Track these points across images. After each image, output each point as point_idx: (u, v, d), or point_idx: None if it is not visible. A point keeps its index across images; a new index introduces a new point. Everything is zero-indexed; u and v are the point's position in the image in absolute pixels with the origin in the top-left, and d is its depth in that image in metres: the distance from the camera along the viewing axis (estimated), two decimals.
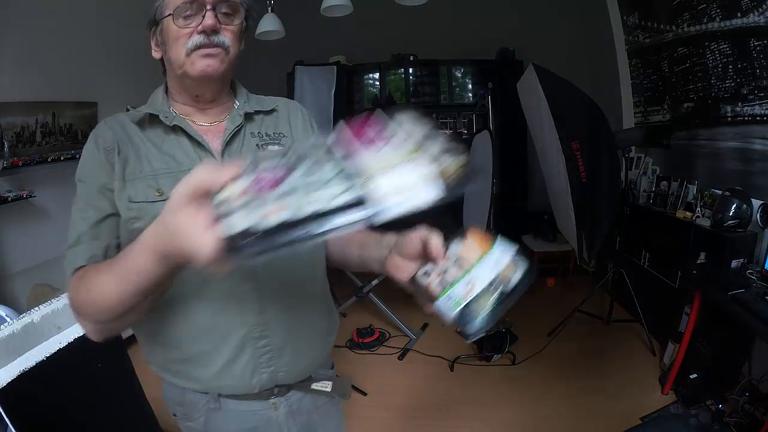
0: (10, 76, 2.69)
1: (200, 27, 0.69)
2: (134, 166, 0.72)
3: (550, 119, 2.27)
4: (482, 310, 0.52)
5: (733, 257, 2.10)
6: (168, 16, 0.70)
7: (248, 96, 0.85)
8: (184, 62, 0.71)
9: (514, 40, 4.12)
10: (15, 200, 2.63)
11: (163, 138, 0.75)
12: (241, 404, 0.80)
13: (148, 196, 0.70)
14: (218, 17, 0.70)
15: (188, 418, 0.84)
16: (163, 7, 0.71)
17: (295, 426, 0.86)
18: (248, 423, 0.82)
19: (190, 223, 0.42)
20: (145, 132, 0.75)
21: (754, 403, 1.93)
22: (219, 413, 0.81)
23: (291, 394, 0.84)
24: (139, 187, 0.70)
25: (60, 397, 1.17)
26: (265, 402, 0.82)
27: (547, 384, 2.37)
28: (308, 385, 0.85)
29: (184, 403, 0.83)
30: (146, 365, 0.82)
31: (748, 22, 2.15)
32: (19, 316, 1.23)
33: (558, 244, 3.66)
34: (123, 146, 0.73)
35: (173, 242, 0.45)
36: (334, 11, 2.47)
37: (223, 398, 0.79)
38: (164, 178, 0.71)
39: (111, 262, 0.60)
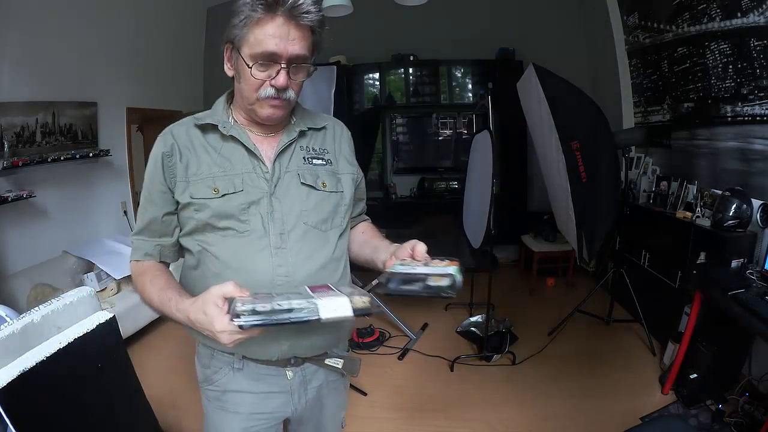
0: (10, 76, 2.69)
1: (272, 82, 0.80)
2: (195, 168, 0.86)
3: (550, 119, 2.26)
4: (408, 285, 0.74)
5: (733, 257, 2.10)
6: (246, 58, 0.79)
7: (303, 113, 0.96)
8: (254, 103, 0.83)
9: (514, 40, 4.12)
10: (15, 200, 2.63)
11: (222, 143, 0.88)
12: (260, 368, 0.92)
13: (207, 194, 0.84)
14: (289, 74, 0.81)
15: (210, 382, 0.97)
16: (242, 39, 0.79)
17: (304, 395, 0.97)
18: (264, 386, 0.94)
19: (215, 313, 0.68)
20: (206, 136, 0.89)
21: (754, 403, 1.94)
22: (240, 374, 0.93)
23: (306, 366, 0.95)
24: (199, 187, 0.85)
25: (60, 397, 1.17)
26: (282, 369, 0.93)
27: (547, 384, 2.37)
28: (322, 360, 0.95)
29: (210, 365, 0.96)
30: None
31: (748, 22, 2.15)
32: (19, 316, 1.23)
33: (558, 244, 3.66)
34: (185, 151, 0.87)
35: (199, 319, 0.71)
36: (334, 11, 2.48)
37: (246, 360, 0.91)
38: (220, 179, 0.85)
39: (165, 287, 0.83)
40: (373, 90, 4.39)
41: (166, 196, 0.87)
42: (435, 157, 4.52)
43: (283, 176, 0.88)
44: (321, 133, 0.98)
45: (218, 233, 0.85)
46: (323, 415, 1.05)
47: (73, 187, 3.24)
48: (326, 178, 0.93)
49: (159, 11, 3.93)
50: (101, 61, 3.37)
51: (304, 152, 0.92)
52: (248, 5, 0.77)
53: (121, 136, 3.71)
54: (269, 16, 0.76)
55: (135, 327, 2.92)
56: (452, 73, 4.33)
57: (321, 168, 0.93)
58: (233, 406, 0.96)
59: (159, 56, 4.06)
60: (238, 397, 0.95)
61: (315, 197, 0.90)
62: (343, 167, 0.98)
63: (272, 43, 0.77)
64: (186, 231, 0.88)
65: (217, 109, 0.91)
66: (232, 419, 0.96)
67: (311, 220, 0.89)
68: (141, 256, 0.90)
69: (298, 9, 0.76)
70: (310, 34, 0.81)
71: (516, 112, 2.89)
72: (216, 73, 4.18)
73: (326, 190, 0.92)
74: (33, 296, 2.64)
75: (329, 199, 0.92)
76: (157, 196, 0.87)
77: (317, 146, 0.95)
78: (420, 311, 3.33)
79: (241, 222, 0.85)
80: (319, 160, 0.93)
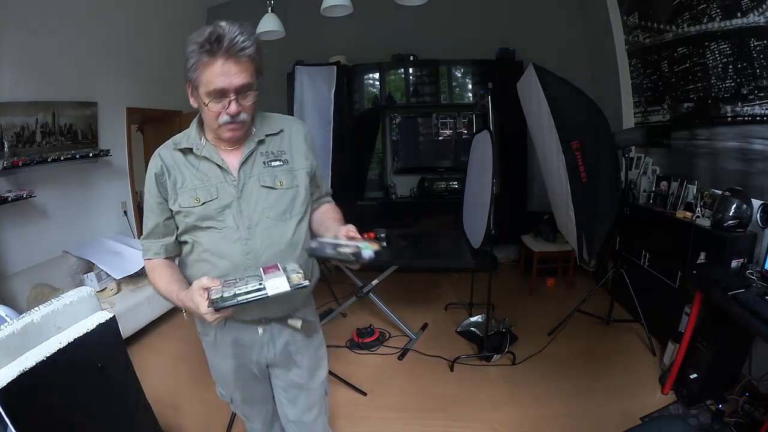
0: (10, 76, 2.69)
1: (226, 111, 1.00)
2: (181, 182, 1.09)
3: (550, 119, 2.26)
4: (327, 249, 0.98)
5: (733, 257, 2.10)
6: (203, 96, 0.99)
7: (262, 120, 1.14)
8: (216, 128, 1.04)
9: (514, 40, 4.12)
10: (15, 200, 2.63)
11: (198, 161, 1.10)
12: (238, 325, 1.19)
13: (191, 203, 1.08)
14: (239, 101, 1.00)
15: (205, 333, 1.24)
16: (197, 80, 0.97)
17: (273, 348, 1.23)
18: (242, 340, 1.21)
19: (199, 300, 0.94)
20: (187, 157, 1.10)
21: (754, 403, 1.94)
22: (224, 329, 1.20)
23: (273, 325, 1.20)
24: (185, 197, 1.08)
25: (60, 397, 1.17)
26: (254, 327, 1.19)
27: (547, 384, 2.37)
28: (285, 320, 1.20)
29: (204, 324, 1.18)
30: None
31: (748, 22, 2.15)
32: (19, 316, 1.23)
33: (558, 244, 3.66)
34: (172, 170, 1.09)
35: (191, 306, 0.97)
36: (334, 11, 2.47)
37: (226, 319, 1.11)
38: (200, 189, 1.08)
39: (169, 282, 1.09)
40: (373, 90, 4.39)
41: (163, 206, 1.10)
42: (435, 157, 4.52)
43: (248, 181, 1.10)
44: (278, 136, 1.16)
45: (203, 230, 1.09)
46: (297, 368, 1.28)
47: (73, 187, 3.24)
48: (283, 177, 1.12)
49: (159, 11, 3.93)
50: (101, 61, 3.37)
51: (263, 157, 1.12)
52: (195, 52, 0.95)
53: (121, 136, 3.71)
54: (212, 59, 0.94)
55: (135, 327, 2.92)
56: (452, 73, 4.33)
57: (278, 169, 1.13)
58: (224, 353, 1.23)
59: (159, 56, 4.05)
60: (226, 348, 1.22)
61: (274, 195, 1.11)
62: (299, 163, 1.16)
63: (219, 81, 0.95)
64: (180, 231, 1.13)
65: (191, 133, 1.11)
66: (224, 361, 1.24)
67: (272, 214, 1.10)
68: (151, 255, 1.13)
69: (234, 48, 0.94)
70: (250, 64, 0.98)
71: (516, 112, 2.89)
72: None
73: (283, 188, 1.12)
74: (33, 296, 2.64)
75: (286, 194, 1.12)
76: (156, 207, 1.11)
77: (275, 149, 1.14)
78: (420, 311, 3.33)
79: (219, 221, 1.08)
80: (277, 161, 1.13)
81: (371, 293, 2.96)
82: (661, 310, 2.66)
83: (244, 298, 0.90)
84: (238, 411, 1.41)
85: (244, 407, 1.37)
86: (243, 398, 1.33)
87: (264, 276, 0.95)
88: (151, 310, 3.07)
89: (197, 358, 2.75)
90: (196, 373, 2.58)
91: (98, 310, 1.39)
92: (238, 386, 1.29)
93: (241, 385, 1.28)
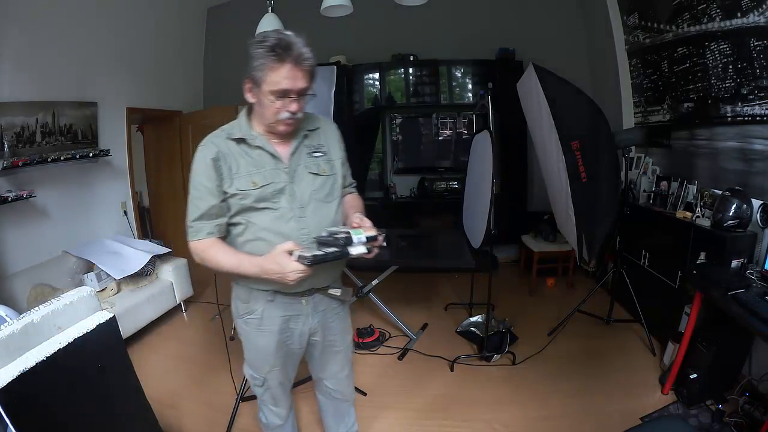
0: (10, 76, 2.69)
1: (288, 108, 1.14)
2: (236, 168, 1.20)
3: (550, 119, 2.26)
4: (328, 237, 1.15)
5: (733, 257, 2.10)
6: (267, 93, 1.13)
7: (306, 117, 1.29)
8: (273, 122, 1.18)
9: (514, 40, 4.13)
10: (15, 200, 2.63)
11: (251, 150, 1.22)
12: (285, 299, 1.32)
13: (248, 186, 1.20)
14: (298, 101, 1.15)
15: (250, 313, 1.34)
16: (262, 79, 1.11)
17: (315, 316, 1.38)
18: (288, 311, 1.34)
19: (285, 261, 1.11)
20: (239, 146, 1.22)
21: (754, 403, 1.94)
22: (272, 304, 1.32)
23: (315, 296, 1.36)
24: (242, 181, 1.20)
25: (60, 397, 1.17)
26: (299, 298, 1.33)
27: (547, 384, 2.37)
28: (326, 290, 1.37)
29: (250, 300, 1.33)
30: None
31: (748, 22, 2.15)
32: (19, 316, 1.23)
33: (558, 244, 3.66)
34: (227, 156, 1.20)
35: (273, 267, 1.13)
36: (334, 11, 2.47)
37: (277, 294, 1.30)
38: (255, 174, 1.21)
39: (233, 255, 1.22)
40: (373, 90, 4.39)
41: (219, 189, 1.20)
42: (435, 157, 4.52)
43: (297, 169, 1.25)
44: (316, 132, 1.33)
45: (258, 211, 1.22)
46: (335, 334, 1.46)
47: (73, 187, 3.24)
48: (325, 165, 1.30)
49: (159, 11, 3.93)
50: (101, 61, 3.37)
51: (307, 149, 1.29)
52: (263, 55, 1.08)
53: (121, 136, 3.71)
54: (281, 63, 1.09)
55: (135, 327, 2.92)
56: (452, 73, 4.33)
57: (320, 158, 1.30)
58: (270, 327, 1.34)
59: (159, 56, 4.06)
60: (272, 321, 1.34)
61: (320, 180, 1.28)
62: (335, 154, 1.35)
63: (286, 83, 1.11)
64: (233, 212, 1.23)
65: (242, 124, 1.25)
66: (269, 336, 1.35)
67: (319, 196, 1.27)
68: (204, 235, 1.22)
69: (301, 57, 1.10)
70: (309, 72, 1.14)
71: (516, 112, 2.89)
72: (215, 74, 4.19)
73: (326, 174, 1.29)
74: (33, 296, 2.64)
75: (329, 180, 1.30)
76: (214, 189, 1.20)
77: (315, 143, 1.31)
78: (420, 311, 3.33)
79: (274, 203, 1.21)
80: (318, 152, 1.30)
81: (371, 293, 2.96)
82: (661, 310, 2.66)
83: (332, 254, 1.08)
84: (266, 395, 1.50)
85: (277, 390, 1.48)
86: (279, 380, 1.46)
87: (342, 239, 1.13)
88: (151, 310, 3.08)
89: (197, 358, 2.76)
90: (196, 373, 2.58)
91: (98, 310, 1.39)
92: (278, 363, 1.40)
93: (281, 361, 1.41)
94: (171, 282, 3.31)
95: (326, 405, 1.68)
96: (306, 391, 2.15)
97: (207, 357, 2.76)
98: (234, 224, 1.25)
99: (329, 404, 1.66)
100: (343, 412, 1.69)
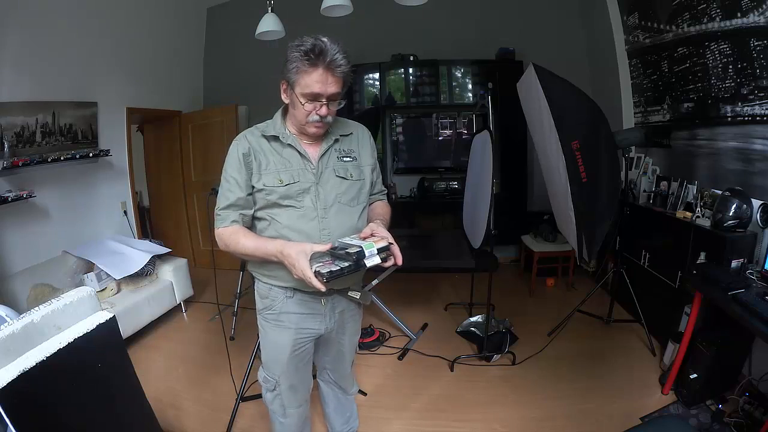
0: (10, 76, 2.69)
1: (317, 111, 1.18)
2: (265, 165, 1.25)
3: (550, 119, 2.26)
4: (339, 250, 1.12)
5: (733, 257, 2.10)
6: (299, 96, 1.16)
7: (338, 123, 1.33)
8: (304, 123, 1.21)
9: (514, 40, 4.12)
10: (15, 200, 2.63)
11: (282, 148, 1.26)
12: (305, 296, 1.34)
13: (275, 183, 1.23)
14: (328, 106, 1.18)
15: (269, 308, 1.37)
16: (295, 81, 1.15)
17: (333, 317, 1.41)
18: (306, 309, 1.36)
19: (305, 266, 1.08)
20: (271, 143, 1.27)
21: (754, 403, 1.94)
22: (291, 300, 1.35)
23: (334, 296, 1.38)
24: (269, 178, 1.24)
25: (60, 397, 1.17)
26: (319, 298, 1.36)
27: (547, 384, 2.37)
28: (346, 292, 1.37)
29: (269, 296, 1.36)
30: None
31: (748, 22, 2.15)
32: (19, 316, 1.23)
33: (558, 244, 3.66)
34: (257, 153, 1.25)
35: (292, 267, 1.12)
36: (334, 11, 2.47)
37: (296, 291, 1.33)
38: (283, 173, 1.24)
39: (256, 239, 1.24)
40: (373, 90, 4.39)
41: (247, 183, 1.24)
42: (435, 157, 4.52)
43: (324, 171, 1.28)
44: (349, 138, 1.36)
45: (282, 208, 1.25)
46: (345, 334, 1.50)
47: (73, 187, 3.24)
48: (353, 170, 1.32)
49: (159, 11, 3.93)
50: (101, 61, 3.37)
51: (337, 153, 1.32)
52: (298, 58, 1.11)
53: (121, 136, 3.71)
54: (314, 68, 1.11)
55: (135, 327, 2.92)
56: (452, 73, 4.33)
57: (349, 163, 1.33)
58: (287, 324, 1.37)
59: (159, 56, 4.06)
60: (290, 317, 1.36)
61: (346, 184, 1.30)
62: (365, 160, 1.37)
63: (317, 87, 1.13)
64: (259, 207, 1.27)
65: (276, 123, 1.29)
66: (285, 333, 1.38)
67: (343, 199, 1.30)
68: (228, 223, 1.26)
69: (334, 63, 1.12)
70: (342, 78, 1.17)
71: (516, 112, 2.89)
72: (215, 74, 4.18)
73: (353, 179, 1.32)
74: (33, 296, 2.64)
75: (355, 184, 1.32)
76: (242, 182, 1.24)
77: (346, 148, 1.34)
78: (420, 311, 3.33)
79: (298, 201, 1.24)
80: (348, 157, 1.33)
81: (371, 293, 2.95)
82: (661, 310, 2.66)
83: (347, 268, 1.08)
84: (276, 403, 1.51)
85: (288, 394, 1.49)
86: (290, 383, 1.46)
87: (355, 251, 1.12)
88: (151, 310, 3.08)
89: (197, 358, 2.76)
90: (196, 373, 2.58)
91: (98, 310, 1.39)
92: (292, 363, 1.41)
93: (294, 363, 1.42)
94: (171, 282, 3.31)
95: (328, 395, 1.72)
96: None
97: (207, 357, 2.76)
98: (259, 219, 1.29)
99: (331, 394, 1.71)
100: (344, 406, 1.74)
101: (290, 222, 1.25)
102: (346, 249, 1.11)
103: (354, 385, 1.73)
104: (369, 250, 1.10)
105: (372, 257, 1.10)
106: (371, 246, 1.11)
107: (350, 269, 1.08)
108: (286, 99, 1.22)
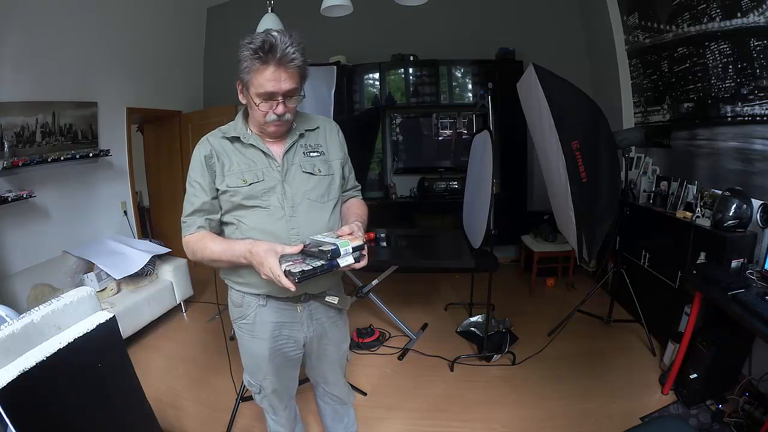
0: (10, 76, 2.69)
1: (274, 111, 1.13)
2: (228, 166, 1.21)
3: (550, 119, 2.26)
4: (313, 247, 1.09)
5: (733, 257, 2.10)
6: (253, 96, 1.12)
7: (301, 118, 1.29)
8: (263, 124, 1.17)
9: (514, 40, 4.12)
10: (15, 200, 2.63)
11: (245, 148, 1.22)
12: (279, 304, 1.29)
13: (238, 184, 1.19)
14: (285, 103, 1.13)
15: (243, 317, 1.32)
16: (249, 81, 1.11)
17: (311, 325, 1.35)
18: (282, 317, 1.31)
19: (273, 263, 1.04)
20: (234, 144, 1.23)
21: (754, 403, 1.94)
22: (264, 309, 1.29)
23: (311, 303, 1.33)
24: (232, 178, 1.19)
25: (60, 397, 1.17)
26: (294, 305, 1.30)
27: (547, 384, 2.37)
28: (322, 297, 1.33)
29: (242, 304, 1.30)
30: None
31: (748, 22, 2.15)
32: (19, 316, 1.23)
33: (558, 244, 3.66)
34: (220, 155, 1.21)
35: (260, 265, 1.07)
36: (334, 11, 2.47)
37: (269, 298, 1.28)
38: (247, 173, 1.20)
39: (223, 241, 1.19)
40: (373, 90, 4.39)
41: (211, 186, 1.21)
42: (435, 157, 4.52)
43: (290, 168, 1.23)
44: (315, 132, 1.31)
45: (248, 209, 1.20)
46: (329, 344, 1.43)
47: (73, 187, 3.24)
48: (320, 165, 1.27)
49: (159, 11, 3.93)
50: (101, 61, 3.37)
51: (303, 149, 1.26)
52: (248, 57, 1.07)
53: (121, 136, 3.71)
54: (264, 65, 1.07)
55: (135, 327, 2.92)
56: (452, 73, 4.32)
57: (316, 158, 1.27)
58: (260, 333, 1.31)
59: (159, 56, 4.06)
60: (264, 327, 1.31)
61: (314, 180, 1.25)
62: (334, 154, 1.32)
63: (269, 85, 1.08)
64: (224, 210, 1.23)
65: (238, 124, 1.25)
66: (261, 343, 1.32)
67: (312, 196, 1.24)
68: (195, 229, 1.22)
69: (286, 58, 1.06)
70: (297, 72, 1.11)
71: (516, 112, 2.89)
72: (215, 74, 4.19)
73: (321, 174, 1.26)
74: (33, 296, 2.64)
75: (324, 180, 1.27)
76: (206, 186, 1.20)
77: (312, 143, 1.29)
78: (420, 311, 3.33)
79: (263, 201, 1.20)
80: (315, 152, 1.28)
81: (371, 293, 2.96)
82: (661, 310, 2.66)
83: (320, 268, 1.02)
84: (264, 403, 1.49)
85: (272, 398, 1.46)
86: (273, 388, 1.42)
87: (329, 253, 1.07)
88: (151, 310, 3.08)
89: (197, 358, 2.76)
90: (196, 373, 2.58)
91: (98, 310, 1.39)
92: (270, 371, 1.37)
93: (274, 369, 1.37)
94: (171, 282, 3.31)
95: (324, 408, 1.68)
96: (305, 391, 2.15)
97: (207, 357, 2.76)
98: (226, 223, 1.25)
99: (327, 407, 1.67)
100: (341, 414, 1.69)
101: (257, 223, 1.19)
102: (320, 246, 1.06)
103: (351, 394, 1.69)
104: (344, 248, 1.05)
105: (346, 256, 1.05)
106: (346, 244, 1.06)
107: (323, 269, 1.02)
108: (243, 100, 1.18)
